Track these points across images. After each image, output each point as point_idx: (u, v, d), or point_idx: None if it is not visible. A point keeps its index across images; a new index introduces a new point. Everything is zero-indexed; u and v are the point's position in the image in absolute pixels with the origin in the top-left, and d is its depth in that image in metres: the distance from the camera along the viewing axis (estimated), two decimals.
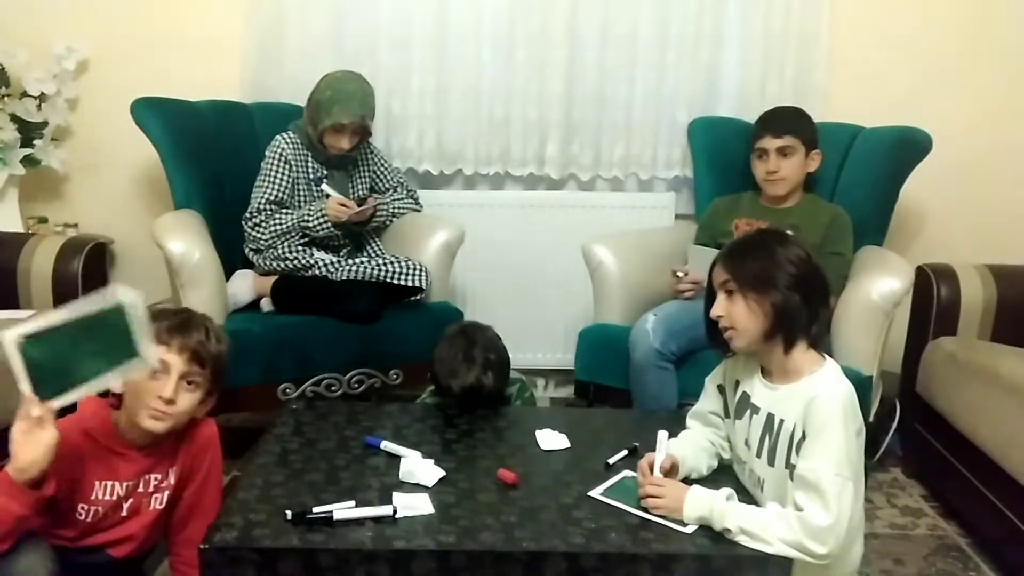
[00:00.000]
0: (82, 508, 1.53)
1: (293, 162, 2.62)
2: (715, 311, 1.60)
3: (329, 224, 2.55)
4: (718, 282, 1.61)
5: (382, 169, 2.83)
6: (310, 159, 2.65)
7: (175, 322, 1.55)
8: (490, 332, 2.06)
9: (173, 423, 1.54)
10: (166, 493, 1.64)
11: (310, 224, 2.56)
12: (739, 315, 1.57)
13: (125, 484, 1.56)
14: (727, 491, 1.49)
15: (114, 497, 1.55)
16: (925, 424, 2.56)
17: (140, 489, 1.60)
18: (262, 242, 2.58)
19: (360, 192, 2.76)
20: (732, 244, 1.68)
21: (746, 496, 1.57)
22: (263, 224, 2.58)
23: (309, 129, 2.62)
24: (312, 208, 2.58)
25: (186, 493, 1.67)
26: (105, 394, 1.53)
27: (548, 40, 2.92)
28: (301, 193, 2.64)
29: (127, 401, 1.54)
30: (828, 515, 1.40)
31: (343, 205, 2.56)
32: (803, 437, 1.49)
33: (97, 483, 1.54)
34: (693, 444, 1.69)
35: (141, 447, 1.58)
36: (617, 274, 2.56)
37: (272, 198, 2.59)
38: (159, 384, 1.50)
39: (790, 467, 1.51)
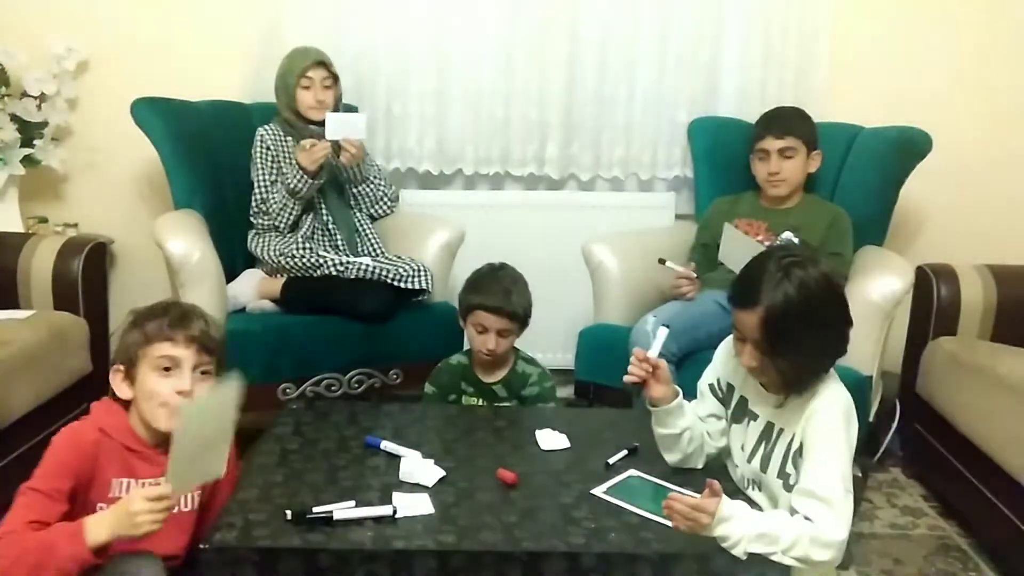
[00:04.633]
0: (100, 508, 1.48)
1: (274, 148, 2.64)
2: (746, 362, 1.53)
3: (306, 178, 2.54)
4: (745, 335, 1.51)
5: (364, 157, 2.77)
6: (292, 144, 2.65)
7: (175, 315, 1.53)
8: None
9: None
10: (194, 493, 1.59)
11: (292, 185, 2.56)
12: (764, 366, 1.52)
13: (143, 483, 1.52)
14: (742, 507, 1.43)
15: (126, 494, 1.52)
16: (925, 424, 2.56)
17: None
18: (267, 222, 2.61)
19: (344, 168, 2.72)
20: (774, 307, 1.46)
21: (741, 496, 1.57)
22: (262, 209, 2.62)
23: (287, 114, 2.65)
24: (291, 167, 2.58)
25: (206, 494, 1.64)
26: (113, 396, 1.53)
27: (548, 40, 2.92)
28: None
29: (141, 406, 1.52)
30: (841, 528, 1.40)
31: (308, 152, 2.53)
32: (799, 448, 1.48)
33: (114, 480, 1.51)
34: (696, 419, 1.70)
35: (157, 445, 1.54)
36: (617, 274, 2.56)
37: (268, 184, 2.62)
38: (174, 380, 1.49)
39: (783, 476, 1.51)
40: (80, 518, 1.44)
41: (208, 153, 2.65)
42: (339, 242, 2.67)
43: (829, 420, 1.47)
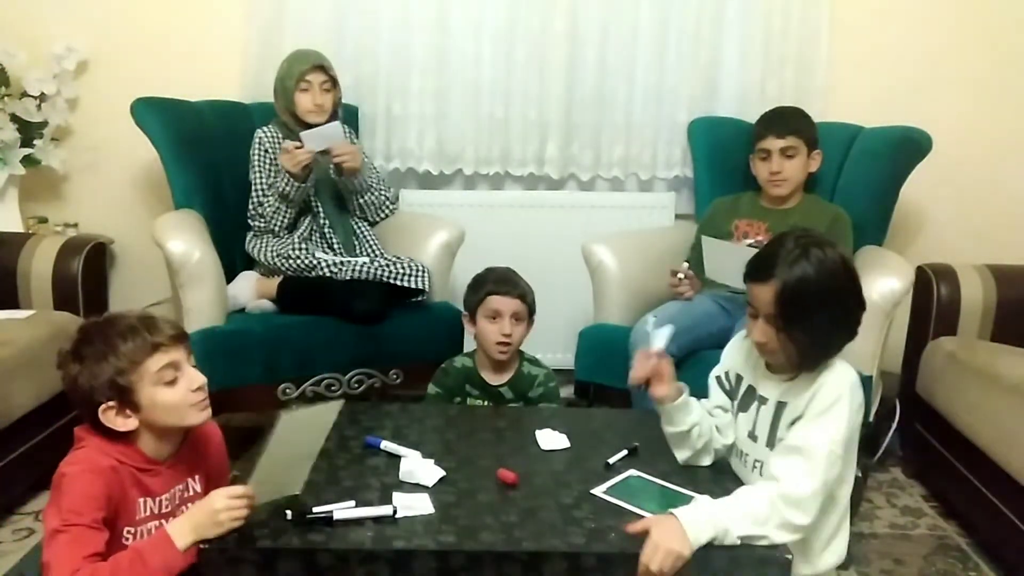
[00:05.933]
0: (128, 532, 1.47)
1: (272, 150, 2.63)
2: (757, 337, 1.53)
3: (294, 182, 2.53)
4: (759, 309, 1.52)
5: (364, 160, 2.77)
6: None
7: (146, 325, 1.49)
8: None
9: None
10: (196, 491, 1.59)
11: (281, 189, 2.55)
12: (776, 342, 1.51)
13: (158, 499, 1.52)
14: (705, 500, 1.47)
15: (148, 513, 1.51)
16: (925, 424, 2.56)
17: (176, 503, 1.55)
18: (262, 224, 2.61)
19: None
20: (790, 280, 1.47)
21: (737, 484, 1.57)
22: (258, 212, 2.61)
23: (285, 117, 2.65)
24: (281, 172, 2.57)
25: None
26: (107, 432, 1.49)
27: (548, 40, 2.92)
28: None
29: (159, 420, 1.49)
30: (811, 481, 1.40)
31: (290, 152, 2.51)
32: (799, 416, 1.49)
33: (140, 501, 1.49)
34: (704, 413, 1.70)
35: (164, 460, 1.54)
36: (617, 274, 2.56)
37: (265, 187, 2.61)
38: (186, 381, 1.49)
39: None
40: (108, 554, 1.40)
41: (208, 153, 2.65)
42: (336, 245, 2.67)
43: (834, 390, 1.48)
